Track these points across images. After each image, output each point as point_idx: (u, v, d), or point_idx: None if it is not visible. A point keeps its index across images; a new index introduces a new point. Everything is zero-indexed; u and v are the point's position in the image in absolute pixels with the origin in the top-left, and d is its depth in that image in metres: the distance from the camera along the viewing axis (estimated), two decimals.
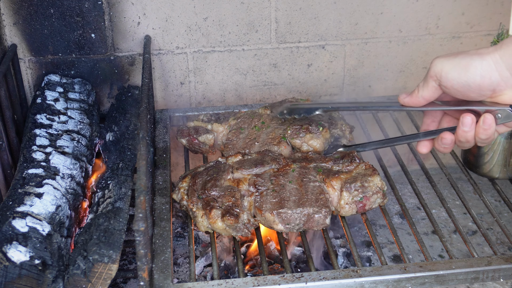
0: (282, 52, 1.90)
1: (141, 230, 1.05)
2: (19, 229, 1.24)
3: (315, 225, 1.35)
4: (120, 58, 1.84)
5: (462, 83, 1.16)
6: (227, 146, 1.60)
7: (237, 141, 1.60)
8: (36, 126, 1.59)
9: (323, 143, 1.57)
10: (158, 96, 1.91)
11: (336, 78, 1.96)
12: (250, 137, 1.60)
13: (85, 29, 1.77)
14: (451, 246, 1.80)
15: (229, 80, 1.92)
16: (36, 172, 1.43)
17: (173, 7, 1.79)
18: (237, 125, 1.65)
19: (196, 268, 1.68)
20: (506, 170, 1.54)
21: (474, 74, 1.14)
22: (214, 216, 1.33)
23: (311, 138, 1.56)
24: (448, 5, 1.90)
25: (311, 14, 1.85)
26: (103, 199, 1.43)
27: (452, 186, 1.53)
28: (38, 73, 1.82)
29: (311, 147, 1.57)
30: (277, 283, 1.21)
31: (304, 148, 1.57)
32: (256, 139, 1.59)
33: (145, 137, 1.26)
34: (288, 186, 1.39)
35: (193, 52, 1.86)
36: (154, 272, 1.22)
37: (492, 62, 1.12)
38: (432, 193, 2.03)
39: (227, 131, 1.65)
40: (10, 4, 1.72)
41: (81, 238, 1.28)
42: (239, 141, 1.60)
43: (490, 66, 1.13)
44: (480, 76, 1.14)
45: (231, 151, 1.58)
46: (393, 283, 1.23)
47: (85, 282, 1.20)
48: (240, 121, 1.66)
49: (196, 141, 1.64)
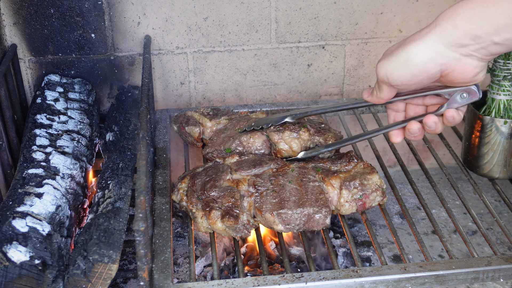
0: (282, 52, 1.90)
1: (141, 230, 1.05)
2: (19, 229, 1.24)
3: (315, 225, 1.35)
4: (120, 58, 1.84)
5: (409, 77, 1.17)
6: (208, 143, 1.62)
7: (217, 139, 1.61)
8: (36, 126, 1.59)
9: (300, 144, 1.54)
10: (158, 96, 1.91)
11: (336, 78, 1.96)
12: (229, 136, 1.59)
13: (85, 29, 1.77)
14: (451, 246, 1.80)
15: (229, 80, 1.92)
16: (36, 172, 1.43)
17: (173, 7, 1.79)
18: (226, 124, 1.65)
19: (196, 268, 1.68)
20: (506, 170, 1.54)
21: (417, 64, 1.14)
22: (214, 217, 1.33)
23: (289, 136, 1.54)
24: (448, 5, 1.88)
25: (311, 14, 1.85)
26: (103, 199, 1.43)
27: (452, 186, 1.53)
28: (38, 73, 1.82)
29: (288, 145, 1.54)
30: (277, 283, 1.21)
31: (280, 146, 1.54)
32: (234, 140, 1.57)
33: (145, 137, 1.26)
34: (287, 186, 1.39)
35: (193, 52, 1.87)
36: (154, 272, 1.22)
37: (431, 45, 1.12)
38: (432, 193, 2.03)
39: (213, 128, 1.66)
40: (10, 4, 1.72)
41: (81, 238, 1.28)
42: (219, 140, 1.60)
43: (429, 50, 1.12)
44: (422, 64, 1.14)
45: (209, 148, 1.59)
46: (393, 283, 1.23)
47: (85, 282, 1.20)
48: (230, 122, 1.66)
49: (184, 131, 1.67)
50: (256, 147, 1.56)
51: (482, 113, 1.53)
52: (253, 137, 1.57)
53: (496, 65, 1.49)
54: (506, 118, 1.49)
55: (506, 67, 1.47)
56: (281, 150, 1.54)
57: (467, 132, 1.58)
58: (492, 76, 1.51)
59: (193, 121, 1.68)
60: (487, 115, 1.51)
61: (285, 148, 1.54)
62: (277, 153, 1.55)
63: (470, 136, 1.56)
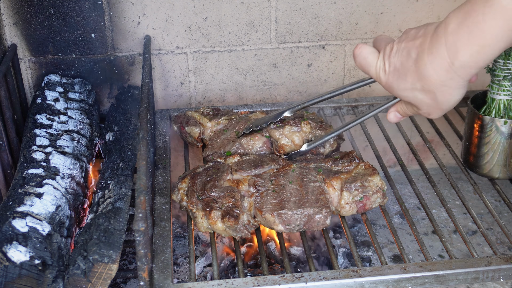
0: (282, 52, 1.90)
1: (141, 230, 1.05)
2: (19, 229, 1.24)
3: (315, 225, 1.35)
4: (120, 58, 1.84)
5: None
6: (208, 144, 1.62)
7: (217, 141, 1.60)
8: (36, 126, 1.59)
9: (302, 137, 1.54)
10: (158, 96, 1.91)
11: (336, 78, 1.96)
12: (229, 139, 1.59)
13: (85, 29, 1.77)
14: (451, 246, 1.80)
15: (229, 80, 1.92)
16: (36, 172, 1.43)
17: (173, 7, 1.79)
18: (225, 125, 1.65)
19: (196, 268, 1.68)
20: (506, 170, 1.54)
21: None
22: (214, 217, 1.33)
23: (290, 130, 1.54)
24: (448, 5, 1.90)
25: (311, 14, 1.85)
26: (103, 199, 1.43)
27: (452, 186, 1.53)
28: (38, 73, 1.82)
29: (290, 139, 1.54)
30: (277, 283, 1.21)
31: (282, 141, 1.54)
32: (234, 143, 1.57)
33: (145, 137, 1.26)
34: (288, 186, 1.39)
35: (193, 52, 1.86)
36: (154, 272, 1.22)
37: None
38: (432, 193, 2.03)
39: (213, 128, 1.66)
40: (10, 4, 1.72)
41: (81, 238, 1.28)
42: (218, 142, 1.60)
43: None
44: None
45: (209, 150, 1.58)
46: (393, 283, 1.23)
47: (85, 282, 1.20)
48: (230, 122, 1.66)
49: (184, 131, 1.67)
50: (257, 149, 1.56)
51: (482, 113, 1.53)
52: (253, 139, 1.56)
53: (496, 65, 1.49)
54: (506, 118, 1.49)
55: (506, 67, 1.47)
56: (283, 146, 1.54)
57: (467, 132, 1.58)
58: (492, 76, 1.51)
59: (193, 121, 1.68)
60: (487, 115, 1.51)
61: (287, 143, 1.54)
62: (280, 150, 1.54)
63: (470, 136, 1.56)
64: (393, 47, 1.17)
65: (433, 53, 1.08)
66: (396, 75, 1.17)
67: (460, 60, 1.05)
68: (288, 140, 1.54)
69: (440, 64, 1.08)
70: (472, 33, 1.02)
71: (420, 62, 1.11)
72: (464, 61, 1.05)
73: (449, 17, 1.07)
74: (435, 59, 1.08)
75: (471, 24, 1.02)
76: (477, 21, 1.01)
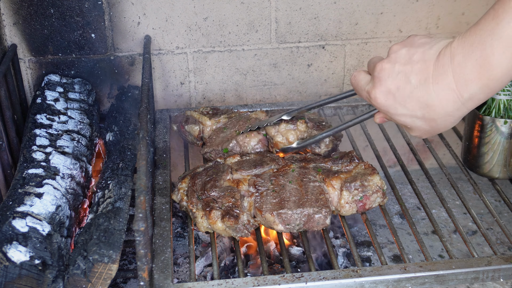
0: (282, 52, 1.90)
1: (141, 230, 1.05)
2: (19, 229, 1.24)
3: (315, 225, 1.35)
4: (120, 58, 1.84)
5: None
6: (207, 142, 1.63)
7: (216, 139, 1.61)
8: (36, 126, 1.59)
9: (297, 135, 1.55)
10: (158, 96, 1.91)
11: (336, 78, 1.96)
12: (227, 137, 1.60)
13: (85, 29, 1.77)
14: (451, 246, 1.80)
15: (229, 80, 1.92)
16: (36, 172, 1.43)
17: (173, 7, 1.79)
18: (225, 123, 1.66)
19: (196, 268, 1.68)
20: (506, 170, 1.54)
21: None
22: (214, 217, 1.33)
23: (285, 127, 1.55)
24: (448, 5, 1.90)
25: (311, 14, 1.85)
26: (103, 199, 1.43)
27: (452, 186, 1.53)
28: (38, 73, 1.82)
29: (284, 137, 1.55)
30: (277, 283, 1.21)
31: (277, 138, 1.55)
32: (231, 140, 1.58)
33: (145, 137, 1.26)
34: (288, 186, 1.39)
35: (193, 52, 1.87)
36: (154, 272, 1.22)
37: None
38: (432, 193, 2.03)
39: (213, 127, 1.66)
40: (10, 4, 1.72)
41: (81, 238, 1.28)
42: (217, 139, 1.61)
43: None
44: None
45: (207, 148, 1.59)
46: (393, 283, 1.23)
47: (85, 282, 1.20)
48: (230, 120, 1.66)
49: (184, 130, 1.68)
50: (252, 146, 1.57)
51: (482, 113, 1.53)
52: (248, 136, 1.58)
53: None
54: (506, 118, 1.49)
55: None
56: (277, 143, 1.55)
57: (467, 132, 1.58)
58: None
59: (193, 119, 1.68)
60: (487, 115, 1.51)
61: (281, 140, 1.55)
62: (274, 147, 1.55)
63: (470, 136, 1.56)
64: (383, 67, 1.12)
65: (439, 84, 1.04)
66: (391, 99, 1.12)
67: (469, 93, 1.02)
68: (283, 137, 1.55)
69: (448, 95, 1.04)
70: (482, 67, 0.99)
71: (423, 91, 1.07)
72: (473, 93, 1.02)
73: (454, 47, 1.03)
74: (442, 90, 1.05)
75: (480, 58, 0.99)
76: (485, 55, 0.98)
